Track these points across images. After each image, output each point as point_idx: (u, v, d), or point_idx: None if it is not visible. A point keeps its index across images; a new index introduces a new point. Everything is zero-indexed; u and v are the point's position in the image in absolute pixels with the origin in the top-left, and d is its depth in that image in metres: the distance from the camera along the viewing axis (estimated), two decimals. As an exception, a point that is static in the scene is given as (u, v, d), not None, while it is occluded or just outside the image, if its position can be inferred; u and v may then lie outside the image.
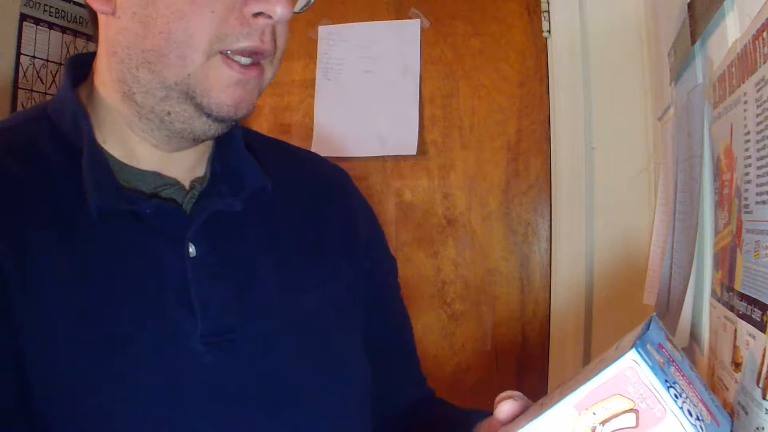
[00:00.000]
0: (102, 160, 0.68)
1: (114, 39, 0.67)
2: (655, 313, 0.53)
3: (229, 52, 0.65)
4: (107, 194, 0.66)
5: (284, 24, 0.68)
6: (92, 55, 0.73)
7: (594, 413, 0.46)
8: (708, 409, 0.47)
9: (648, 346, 0.47)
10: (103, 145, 0.70)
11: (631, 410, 0.45)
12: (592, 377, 0.46)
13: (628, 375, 0.45)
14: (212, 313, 0.67)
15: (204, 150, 0.75)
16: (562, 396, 0.47)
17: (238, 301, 0.69)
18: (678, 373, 0.47)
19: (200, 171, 0.75)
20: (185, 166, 0.73)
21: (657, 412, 0.45)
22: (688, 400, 0.46)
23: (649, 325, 0.50)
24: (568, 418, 0.46)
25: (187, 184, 0.73)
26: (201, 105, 0.66)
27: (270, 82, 0.70)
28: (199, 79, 0.65)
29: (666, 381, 0.45)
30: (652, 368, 0.45)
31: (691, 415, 0.45)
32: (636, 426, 0.45)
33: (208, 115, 0.66)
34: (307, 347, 0.72)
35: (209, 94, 0.65)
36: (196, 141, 0.71)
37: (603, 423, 0.45)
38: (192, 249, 0.68)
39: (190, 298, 0.66)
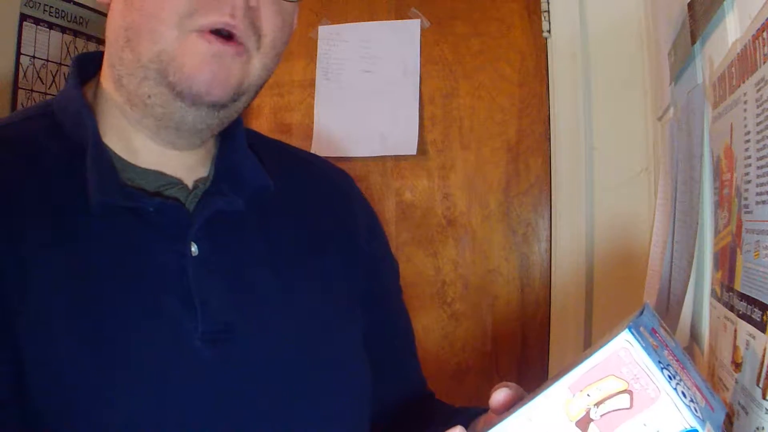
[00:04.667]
0: (105, 157, 0.68)
1: (108, 25, 0.68)
2: (648, 301, 0.53)
3: (202, 28, 0.64)
4: (110, 191, 0.66)
5: (271, 9, 0.67)
6: (100, 54, 0.73)
7: (588, 395, 0.46)
8: (702, 395, 0.47)
9: (641, 328, 0.47)
10: (105, 140, 0.70)
11: (624, 391, 0.45)
12: (586, 359, 0.46)
13: (622, 355, 0.45)
14: (212, 311, 0.67)
15: (208, 150, 0.75)
16: (556, 380, 0.47)
17: (238, 299, 0.69)
18: (671, 357, 0.47)
19: (203, 171, 0.75)
20: (187, 166, 0.73)
21: (651, 392, 0.44)
22: (681, 383, 0.46)
23: (643, 311, 0.50)
24: (561, 400, 0.46)
25: (190, 183, 0.73)
26: (173, 83, 0.65)
27: (259, 76, 0.69)
28: (171, 55, 0.64)
29: (659, 362, 0.45)
30: (645, 349, 0.45)
31: (685, 396, 0.45)
32: (630, 407, 0.45)
33: (181, 97, 0.66)
34: (306, 346, 0.72)
35: (182, 69, 0.64)
36: (182, 132, 0.70)
37: (597, 404, 0.45)
38: (194, 248, 0.68)
39: (191, 296, 0.66)
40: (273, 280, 0.73)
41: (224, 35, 0.65)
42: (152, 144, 0.71)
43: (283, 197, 0.78)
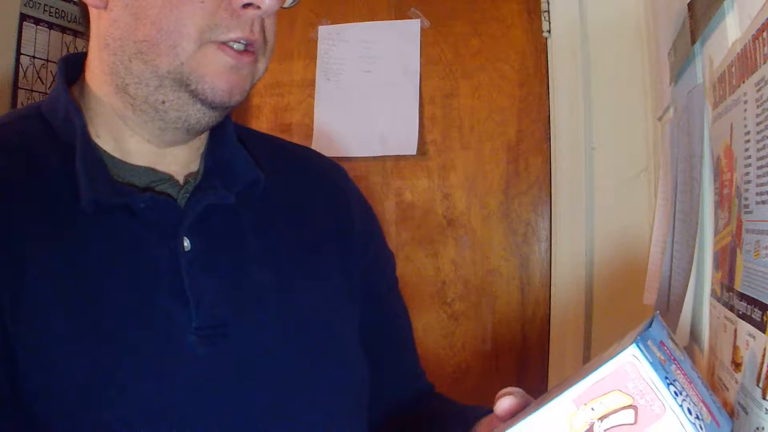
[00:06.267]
0: (95, 155, 0.69)
1: (106, 32, 0.68)
2: (658, 312, 0.53)
3: (220, 41, 0.66)
4: (101, 188, 0.66)
5: (272, 17, 0.69)
6: (85, 55, 0.73)
7: (592, 408, 0.46)
8: (709, 410, 0.47)
9: (649, 342, 0.46)
10: (96, 140, 0.70)
11: (629, 406, 0.45)
12: (592, 372, 0.46)
13: (628, 370, 0.45)
14: (206, 306, 0.67)
15: (198, 145, 0.75)
16: (560, 391, 0.47)
17: (231, 294, 0.70)
18: (679, 372, 0.47)
19: (194, 166, 0.75)
20: (179, 162, 0.73)
21: (656, 408, 0.44)
22: (688, 399, 0.45)
23: (652, 323, 0.50)
24: (566, 413, 0.46)
25: (181, 179, 0.73)
26: (195, 91, 0.66)
27: (262, 76, 0.71)
28: (192, 66, 0.65)
29: (666, 378, 0.45)
30: (652, 364, 0.45)
31: (690, 413, 0.45)
32: (634, 423, 0.45)
33: (203, 102, 0.67)
34: (301, 341, 0.72)
35: (204, 79, 0.66)
36: (190, 132, 0.71)
37: (601, 419, 0.45)
38: (186, 243, 0.68)
39: (185, 292, 0.66)
40: (268, 277, 0.73)
41: (241, 47, 0.67)
42: (148, 144, 0.71)
43: (278, 192, 0.78)
